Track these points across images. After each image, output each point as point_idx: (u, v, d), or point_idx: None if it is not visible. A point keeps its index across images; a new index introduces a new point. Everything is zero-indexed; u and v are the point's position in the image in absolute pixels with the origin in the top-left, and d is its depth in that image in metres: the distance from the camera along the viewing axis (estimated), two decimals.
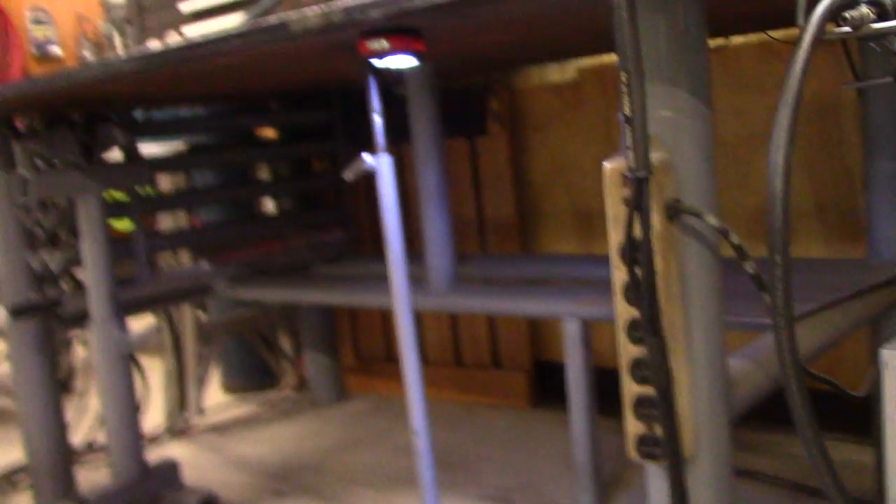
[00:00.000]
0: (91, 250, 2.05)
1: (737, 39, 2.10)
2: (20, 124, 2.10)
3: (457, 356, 2.72)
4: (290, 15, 1.25)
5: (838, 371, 1.96)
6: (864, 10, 0.87)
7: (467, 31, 1.47)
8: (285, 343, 2.96)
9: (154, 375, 2.67)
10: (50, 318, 2.14)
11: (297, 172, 2.72)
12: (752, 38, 2.10)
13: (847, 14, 0.84)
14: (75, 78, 1.55)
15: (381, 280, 2.21)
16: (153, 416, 2.66)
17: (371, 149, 1.50)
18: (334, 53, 1.59)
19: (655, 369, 0.93)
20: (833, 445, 1.03)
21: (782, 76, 0.79)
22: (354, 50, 1.34)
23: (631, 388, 1.04)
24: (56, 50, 5.98)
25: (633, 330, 1.01)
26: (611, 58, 2.34)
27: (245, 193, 2.76)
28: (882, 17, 0.89)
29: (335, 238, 2.64)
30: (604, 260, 2.04)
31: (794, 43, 0.86)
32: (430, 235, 1.99)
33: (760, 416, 1.23)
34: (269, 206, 2.92)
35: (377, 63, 1.38)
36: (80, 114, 2.06)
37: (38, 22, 5.95)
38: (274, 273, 2.48)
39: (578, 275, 2.04)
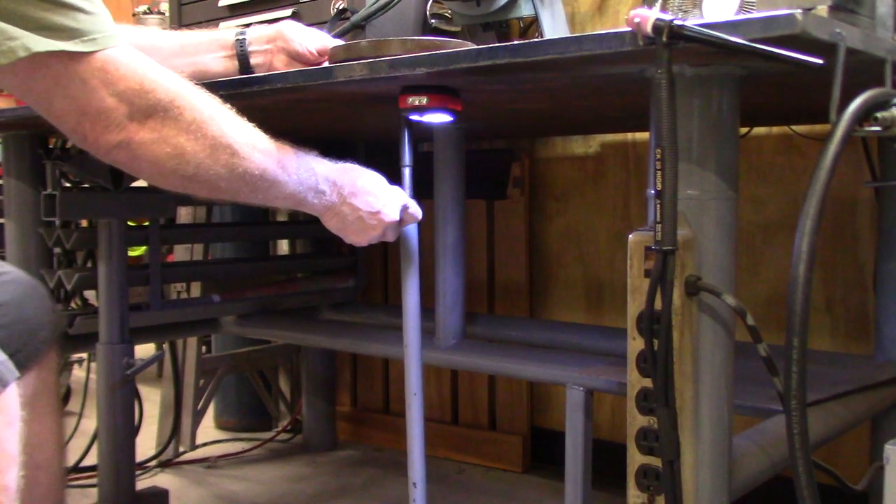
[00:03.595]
0: (107, 274, 2.07)
1: (758, 130, 2.15)
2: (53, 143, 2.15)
3: (454, 414, 2.72)
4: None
5: (835, 465, 1.96)
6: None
7: (502, 97, 1.52)
8: (284, 385, 2.96)
9: (148, 404, 2.67)
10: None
11: (315, 217, 2.75)
12: (774, 129, 2.14)
13: (878, 114, 0.88)
14: None
15: (389, 330, 2.23)
16: (143, 445, 2.65)
17: None
18: (371, 105, 1.63)
19: (664, 440, 0.94)
20: None
21: (801, 169, 0.82)
22: (392, 103, 1.38)
23: (636, 458, 1.05)
24: None
25: (644, 400, 1.02)
26: (635, 136, 2.39)
27: (263, 233, 2.79)
28: None
29: (346, 285, 2.66)
30: (612, 332, 2.08)
31: (823, 138, 0.90)
32: (442, 291, 2.01)
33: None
34: (283, 247, 2.95)
35: (413, 118, 1.42)
36: None
37: None
38: (282, 313, 2.50)
39: (585, 344, 2.06)
